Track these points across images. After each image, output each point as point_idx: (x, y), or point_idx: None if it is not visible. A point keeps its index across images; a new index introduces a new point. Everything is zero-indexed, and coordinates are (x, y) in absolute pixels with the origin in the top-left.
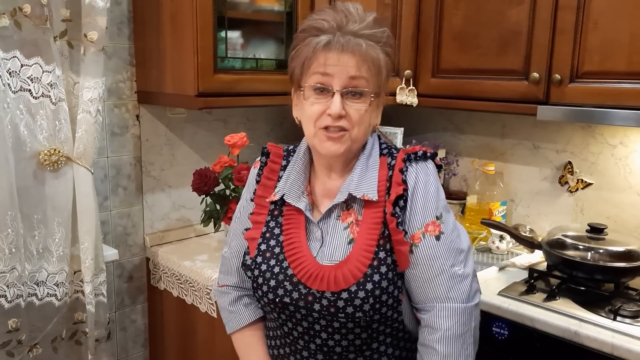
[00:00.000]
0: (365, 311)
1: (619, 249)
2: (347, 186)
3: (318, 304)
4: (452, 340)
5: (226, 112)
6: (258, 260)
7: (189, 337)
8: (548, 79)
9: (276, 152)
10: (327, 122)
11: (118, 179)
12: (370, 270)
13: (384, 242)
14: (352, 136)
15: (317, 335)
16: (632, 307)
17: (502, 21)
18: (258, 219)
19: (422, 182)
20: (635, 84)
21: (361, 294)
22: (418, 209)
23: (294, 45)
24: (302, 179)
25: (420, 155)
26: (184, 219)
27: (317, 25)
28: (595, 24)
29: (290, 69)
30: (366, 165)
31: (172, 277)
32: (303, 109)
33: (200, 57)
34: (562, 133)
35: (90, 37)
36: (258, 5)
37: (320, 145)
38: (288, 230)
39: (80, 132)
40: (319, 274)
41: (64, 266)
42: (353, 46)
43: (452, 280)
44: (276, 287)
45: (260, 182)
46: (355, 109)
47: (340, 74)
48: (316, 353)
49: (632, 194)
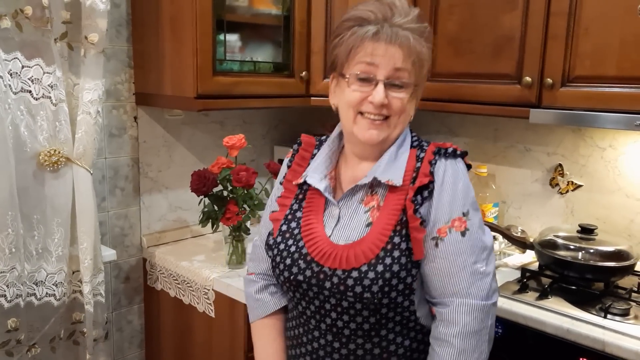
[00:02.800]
0: (374, 292)
1: (609, 249)
2: (374, 171)
3: (329, 281)
4: (468, 336)
5: (223, 114)
6: (278, 240)
7: (186, 338)
8: (540, 83)
9: (308, 142)
10: (368, 108)
11: (116, 180)
12: (383, 253)
13: (401, 228)
14: (392, 125)
15: (327, 315)
16: (622, 305)
17: (496, 26)
18: (284, 202)
19: (450, 178)
20: (625, 88)
21: (371, 274)
22: (445, 203)
23: (337, 33)
24: (327, 164)
25: (450, 152)
26: (181, 220)
27: (362, 15)
28: (586, 29)
29: (332, 56)
30: (396, 154)
31: (170, 278)
32: (343, 95)
33: (199, 60)
34: (553, 136)
35: (91, 39)
36: (256, 8)
37: (359, 131)
38: (307, 212)
39: (80, 133)
40: (332, 252)
41: (63, 266)
42: (401, 38)
43: (473, 276)
44: (291, 265)
45: (290, 168)
46: (397, 99)
47: (386, 64)
48: (326, 333)
49: (621, 195)
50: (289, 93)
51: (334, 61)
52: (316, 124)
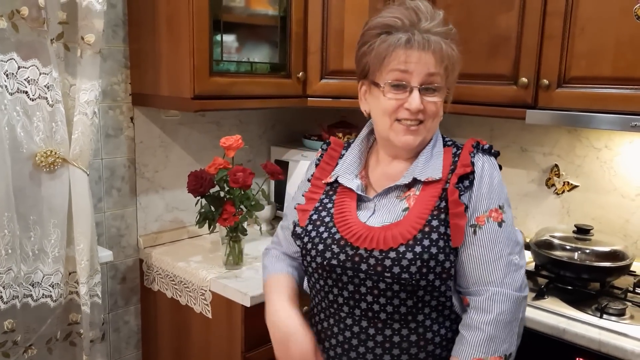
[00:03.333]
0: (412, 273)
1: (605, 249)
2: (412, 171)
3: (365, 263)
4: (501, 324)
5: (219, 114)
6: (309, 228)
7: (183, 338)
8: (536, 83)
9: (337, 142)
10: (404, 115)
11: (112, 181)
12: (421, 235)
13: (438, 212)
14: (427, 128)
15: (362, 299)
16: (618, 305)
17: (492, 26)
18: (312, 196)
19: (488, 171)
20: (621, 89)
21: (409, 255)
22: (483, 194)
23: (364, 41)
24: (357, 164)
25: (487, 148)
26: (178, 220)
27: (389, 23)
28: (582, 29)
29: (362, 64)
30: (431, 153)
31: (166, 278)
32: (378, 102)
33: (196, 60)
34: (548, 136)
35: (87, 39)
36: (253, 9)
37: (396, 138)
38: (340, 204)
39: (77, 134)
40: (368, 234)
41: (60, 267)
42: (434, 44)
43: (508, 267)
44: (324, 251)
45: (319, 166)
46: (431, 103)
47: (419, 71)
48: (360, 320)
49: (616, 195)
50: (285, 93)
51: (365, 69)
52: (313, 124)
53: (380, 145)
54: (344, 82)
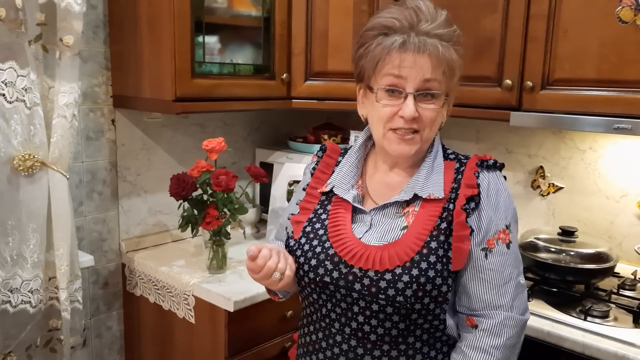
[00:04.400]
0: (407, 297)
1: (589, 251)
2: (412, 186)
3: (359, 283)
4: (508, 349)
5: (203, 116)
6: (302, 241)
7: (167, 344)
8: (520, 85)
9: (333, 149)
10: (399, 124)
11: (93, 184)
12: (419, 257)
13: (438, 233)
14: (423, 137)
15: (353, 318)
16: (602, 307)
17: (477, 29)
18: (306, 206)
19: (493, 190)
20: (604, 91)
21: (405, 277)
22: (490, 216)
23: (361, 43)
24: (353, 173)
25: (492, 164)
26: (161, 224)
27: (387, 24)
28: (566, 32)
29: (358, 67)
30: (432, 166)
31: (149, 283)
32: (373, 109)
33: (177, 62)
34: (534, 138)
35: (66, 41)
36: (236, 10)
37: (389, 147)
38: (334, 215)
39: (56, 137)
40: (364, 253)
41: (39, 273)
42: (430, 48)
43: (517, 289)
44: (317, 266)
45: (314, 175)
46: (427, 110)
47: (414, 76)
48: (350, 338)
49: (601, 197)
50: (269, 95)
51: (361, 72)
52: (298, 126)
53: (378, 153)
54: (329, 83)
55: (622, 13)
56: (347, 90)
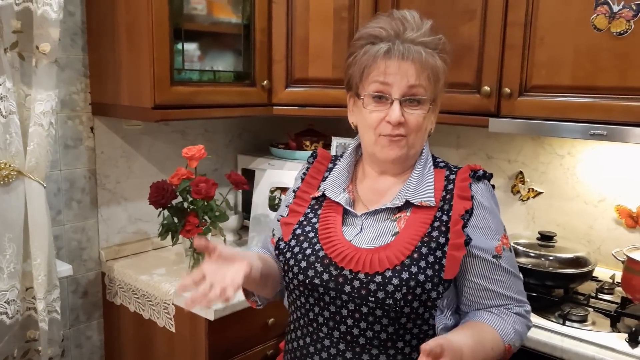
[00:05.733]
0: (397, 299)
1: (568, 256)
2: (404, 193)
3: (349, 285)
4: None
5: (184, 123)
6: (292, 244)
7: (147, 353)
8: (499, 92)
9: (324, 155)
10: (386, 130)
11: (72, 193)
12: (409, 261)
13: (429, 240)
14: (410, 142)
15: (342, 322)
16: (580, 311)
17: (455, 36)
18: (296, 209)
19: (487, 199)
20: (580, 98)
21: (395, 280)
22: (490, 224)
23: (350, 53)
24: (344, 177)
25: (482, 174)
26: (141, 232)
27: (374, 33)
28: (542, 40)
29: (347, 75)
30: (422, 174)
31: (129, 292)
32: (362, 116)
33: (156, 69)
34: (513, 144)
35: (42, 48)
36: (215, 17)
37: (380, 152)
38: (325, 218)
39: (32, 145)
40: (354, 255)
41: (16, 283)
42: (413, 54)
43: (521, 285)
44: (307, 268)
45: (304, 180)
46: (413, 116)
47: (399, 82)
48: (338, 342)
49: (579, 202)
50: (250, 102)
51: (350, 81)
52: (280, 132)
53: (366, 161)
54: (310, 90)
55: (596, 21)
56: (328, 96)
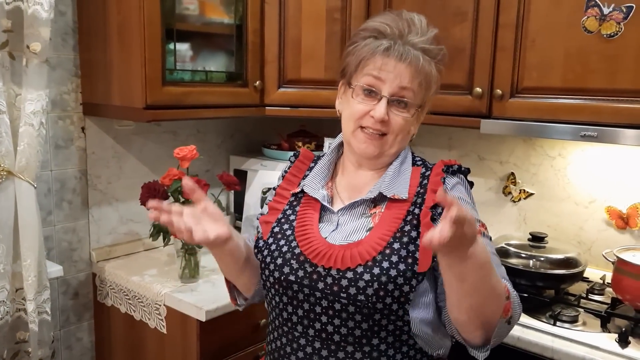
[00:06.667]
0: (368, 295)
1: (559, 257)
2: (379, 186)
3: (322, 282)
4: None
5: (176, 124)
6: (269, 242)
7: (138, 354)
8: (490, 93)
9: (306, 155)
10: (368, 123)
11: (62, 193)
12: (381, 257)
13: (401, 235)
14: (389, 142)
15: (316, 319)
16: (571, 312)
17: (447, 37)
18: (275, 206)
19: (459, 191)
20: (570, 100)
21: (366, 276)
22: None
23: (352, 41)
24: (324, 174)
25: (457, 168)
26: (132, 232)
27: (379, 28)
28: (533, 42)
29: (345, 62)
30: (399, 170)
31: (120, 293)
32: (348, 104)
33: (148, 70)
34: (505, 145)
35: (33, 48)
36: (208, 17)
37: (356, 144)
38: (302, 216)
39: (23, 145)
40: (327, 252)
41: (5, 284)
42: (411, 57)
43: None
44: (282, 265)
45: (285, 177)
46: (398, 117)
47: (392, 81)
48: (314, 340)
49: (570, 203)
50: (242, 103)
51: (345, 68)
52: (272, 133)
53: (345, 153)
54: (302, 91)
55: (587, 23)
56: (320, 97)
